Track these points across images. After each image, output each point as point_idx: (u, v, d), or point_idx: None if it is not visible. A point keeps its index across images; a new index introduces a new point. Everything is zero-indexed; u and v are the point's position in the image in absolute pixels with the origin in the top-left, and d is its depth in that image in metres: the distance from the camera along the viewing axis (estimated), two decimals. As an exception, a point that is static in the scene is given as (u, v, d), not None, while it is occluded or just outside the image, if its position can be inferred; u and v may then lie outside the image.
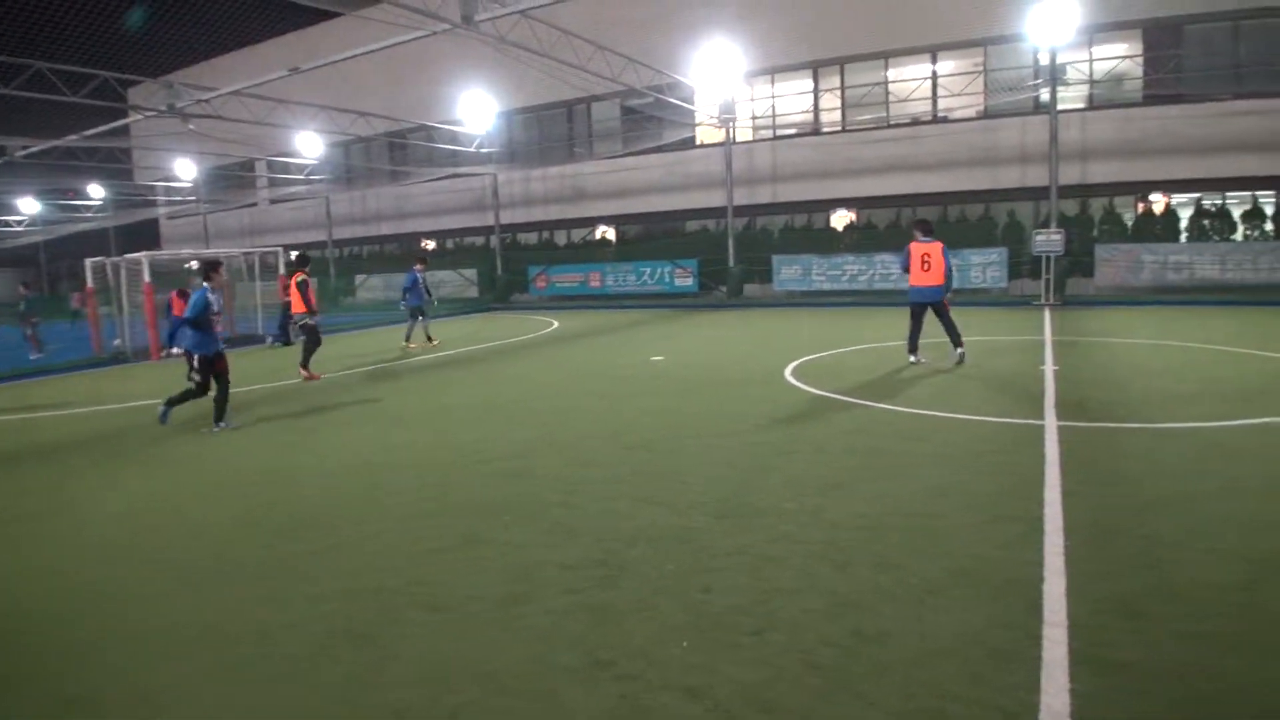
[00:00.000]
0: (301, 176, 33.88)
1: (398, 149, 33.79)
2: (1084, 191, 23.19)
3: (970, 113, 24.54)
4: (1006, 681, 3.17)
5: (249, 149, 28.73)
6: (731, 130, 26.26)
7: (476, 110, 25.24)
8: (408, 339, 16.63)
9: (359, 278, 34.59)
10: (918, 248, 10.92)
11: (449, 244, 35.13)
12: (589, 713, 3.10)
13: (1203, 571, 4.12)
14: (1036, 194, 22.86)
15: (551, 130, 31.74)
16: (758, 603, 3.95)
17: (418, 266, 16.47)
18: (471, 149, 29.09)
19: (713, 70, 22.97)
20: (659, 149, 28.12)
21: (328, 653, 3.66)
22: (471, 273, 31.43)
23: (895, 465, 6.26)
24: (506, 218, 32.39)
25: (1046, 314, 17.86)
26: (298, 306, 12.93)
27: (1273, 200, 22.08)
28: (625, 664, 3.44)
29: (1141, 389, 8.87)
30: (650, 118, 27.34)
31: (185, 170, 32.28)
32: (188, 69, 35.80)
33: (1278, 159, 21.20)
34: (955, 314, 11.20)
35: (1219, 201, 22.59)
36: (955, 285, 21.51)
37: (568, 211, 31.39)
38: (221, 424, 8.83)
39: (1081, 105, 23.31)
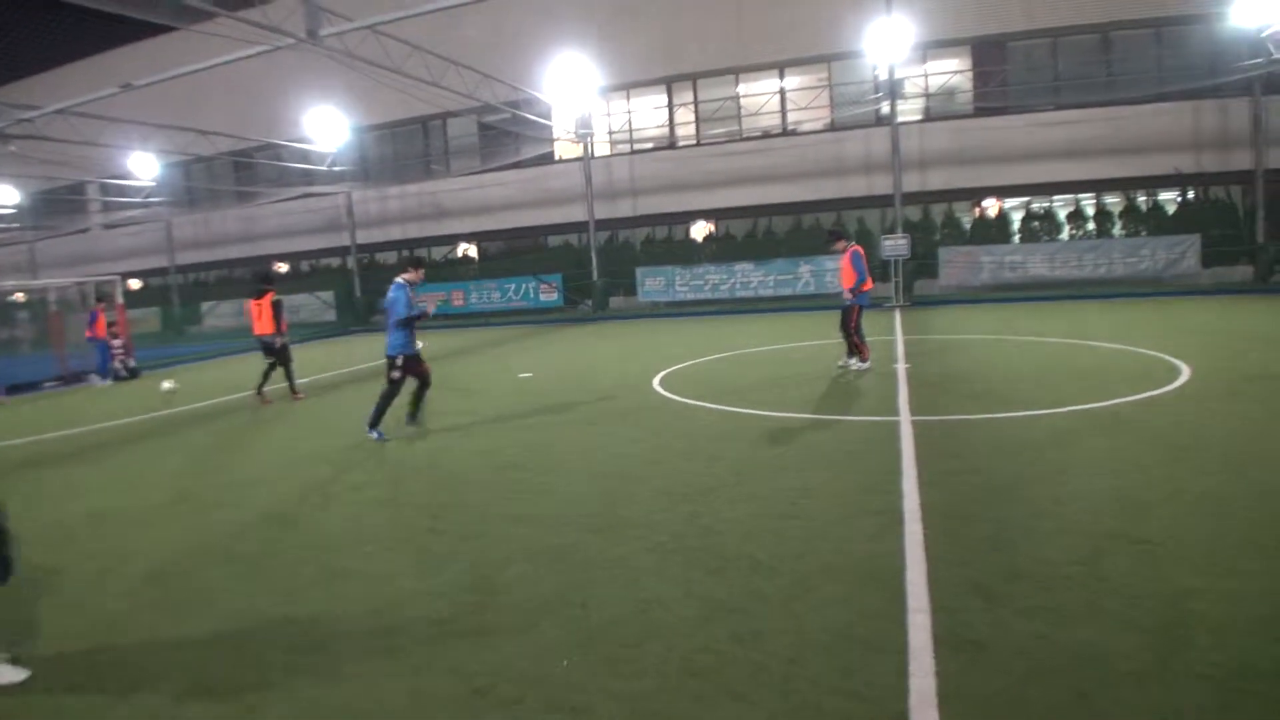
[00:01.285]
0: (139, 199, 31.75)
1: (244, 168, 32.21)
2: (925, 198, 24.67)
3: (818, 125, 25.66)
4: (877, 670, 3.30)
5: (78, 171, 26.73)
6: (589, 145, 26.44)
7: (327, 127, 24.39)
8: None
9: (205, 305, 32.70)
10: (847, 251, 11.28)
11: (303, 266, 33.75)
12: (469, 743, 3.01)
13: (1048, 550, 4.42)
14: (882, 201, 24.12)
15: (407, 147, 31.05)
16: (636, 614, 3.96)
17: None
18: (324, 167, 28.06)
19: (569, 86, 23.08)
20: (518, 165, 27.96)
21: (186, 712, 3.42)
22: (328, 295, 30.26)
23: (762, 468, 6.43)
24: (363, 238, 31.41)
25: (897, 315, 18.81)
26: (266, 327, 11.89)
27: (1092, 202, 24.15)
28: (505, 689, 3.37)
29: (985, 382, 9.47)
30: (508, 133, 27.14)
31: (7, 195, 29.71)
32: (7, 86, 33.02)
33: (1095, 164, 23.25)
34: (818, 318, 11.62)
35: (1046, 205, 24.51)
36: (813, 290, 22.23)
37: (427, 229, 30.74)
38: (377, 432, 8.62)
39: (919, 117, 24.79)
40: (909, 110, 24.64)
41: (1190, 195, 23.42)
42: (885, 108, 23.18)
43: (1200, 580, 3.93)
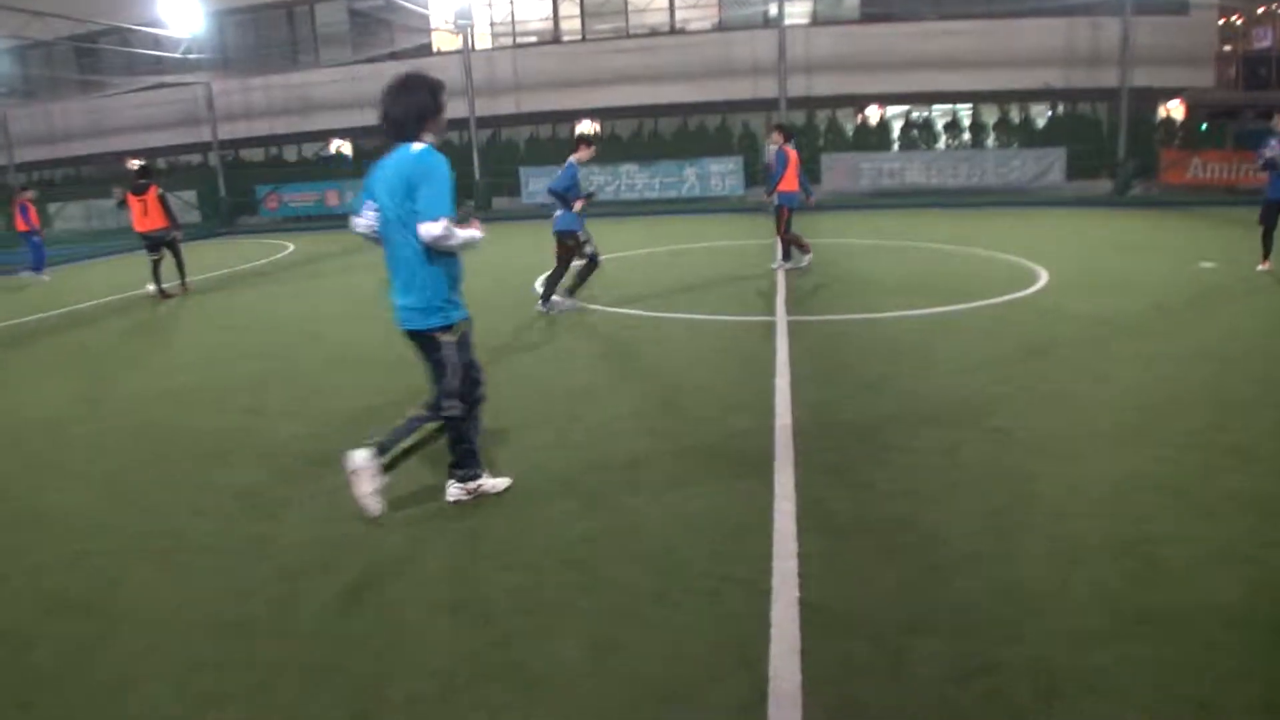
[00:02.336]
0: (-39, 90, 28.53)
1: (88, 55, 29.25)
2: (810, 104, 24.77)
3: (706, 25, 25.22)
4: (745, 552, 3.43)
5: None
6: (470, 37, 25.20)
7: (180, 9, 22.30)
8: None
9: (53, 206, 29.99)
10: (794, 154, 10.84)
11: (160, 164, 31.30)
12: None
13: (912, 439, 4.66)
14: (768, 105, 24.09)
15: (271, 34, 28.80)
16: (516, 517, 3.93)
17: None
18: (179, 55, 25.77)
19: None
20: (393, 56, 26.37)
21: None
22: (191, 195, 28.23)
23: (642, 367, 6.50)
24: (226, 133, 29.21)
25: (779, 220, 19.01)
26: (156, 221, 11.45)
27: (970, 113, 24.84)
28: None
29: (860, 284, 9.78)
30: (382, 22, 25.53)
31: None
32: None
33: (974, 75, 23.79)
34: (703, 221, 11.63)
35: (925, 114, 25.04)
36: (699, 193, 22.01)
37: (296, 125, 28.80)
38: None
39: (806, 21, 24.66)
40: (797, 13, 24.47)
41: (1059, 110, 24.39)
42: (774, 9, 22.93)
43: (1046, 466, 4.22)
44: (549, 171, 24.33)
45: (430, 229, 3.46)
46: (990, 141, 24.14)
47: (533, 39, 26.50)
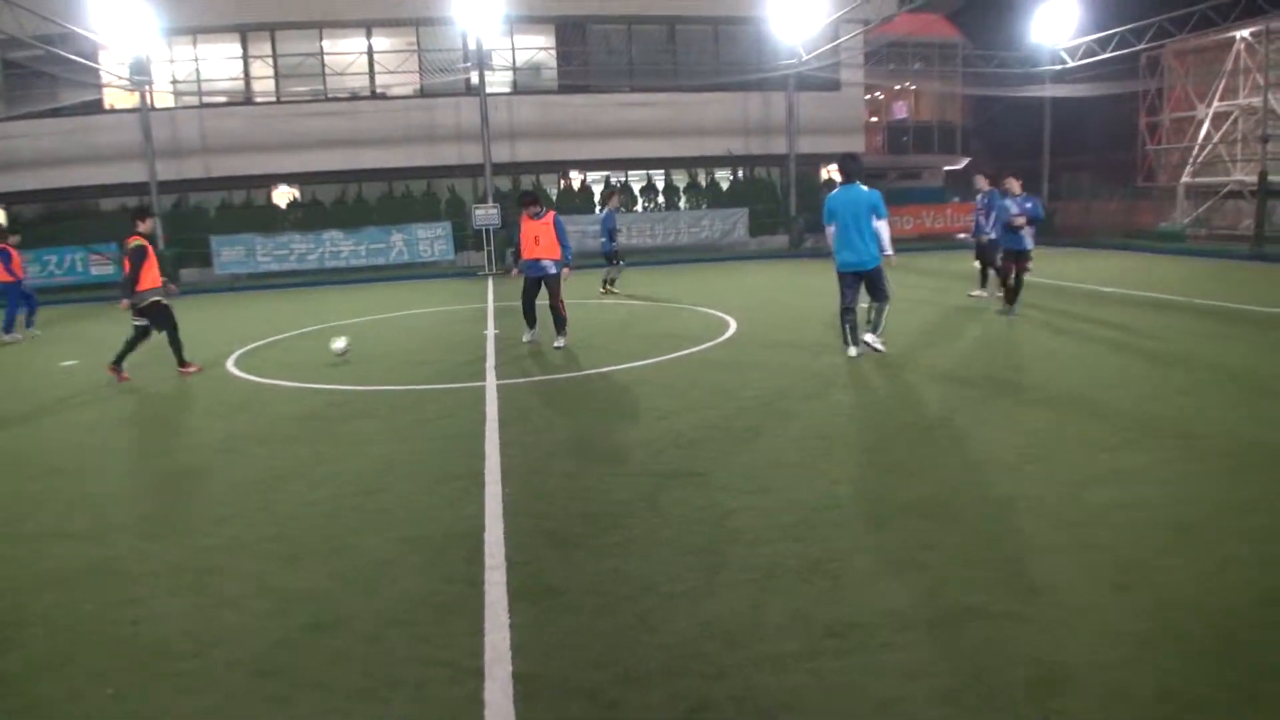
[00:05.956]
0: None
1: None
2: (515, 169, 25.37)
3: (407, 91, 25.04)
4: (452, 632, 3.30)
5: None
6: (148, 95, 23.03)
7: None
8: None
9: None
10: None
11: None
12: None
13: (615, 491, 4.79)
14: (474, 171, 24.30)
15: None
16: (200, 622, 3.52)
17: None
18: None
19: (120, 23, 19.85)
20: (55, 112, 23.41)
21: None
22: None
23: (344, 446, 6.13)
24: None
25: (489, 283, 19.14)
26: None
27: (662, 177, 26.72)
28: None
29: (571, 342, 10.00)
30: (40, 74, 22.53)
31: None
32: None
33: (664, 143, 25.70)
34: (407, 289, 11.37)
35: (623, 179, 26.60)
36: (407, 259, 21.54)
37: (-73, 188, 24.59)
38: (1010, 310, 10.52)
39: (507, 90, 25.32)
40: (498, 82, 25.06)
41: (740, 174, 27.03)
42: (474, 77, 23.29)
43: (739, 501, 4.52)
44: (244, 240, 22.78)
45: None
46: (682, 203, 26.15)
47: (221, 99, 24.78)
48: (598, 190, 26.09)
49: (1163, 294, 12.12)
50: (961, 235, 25.18)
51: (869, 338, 8.28)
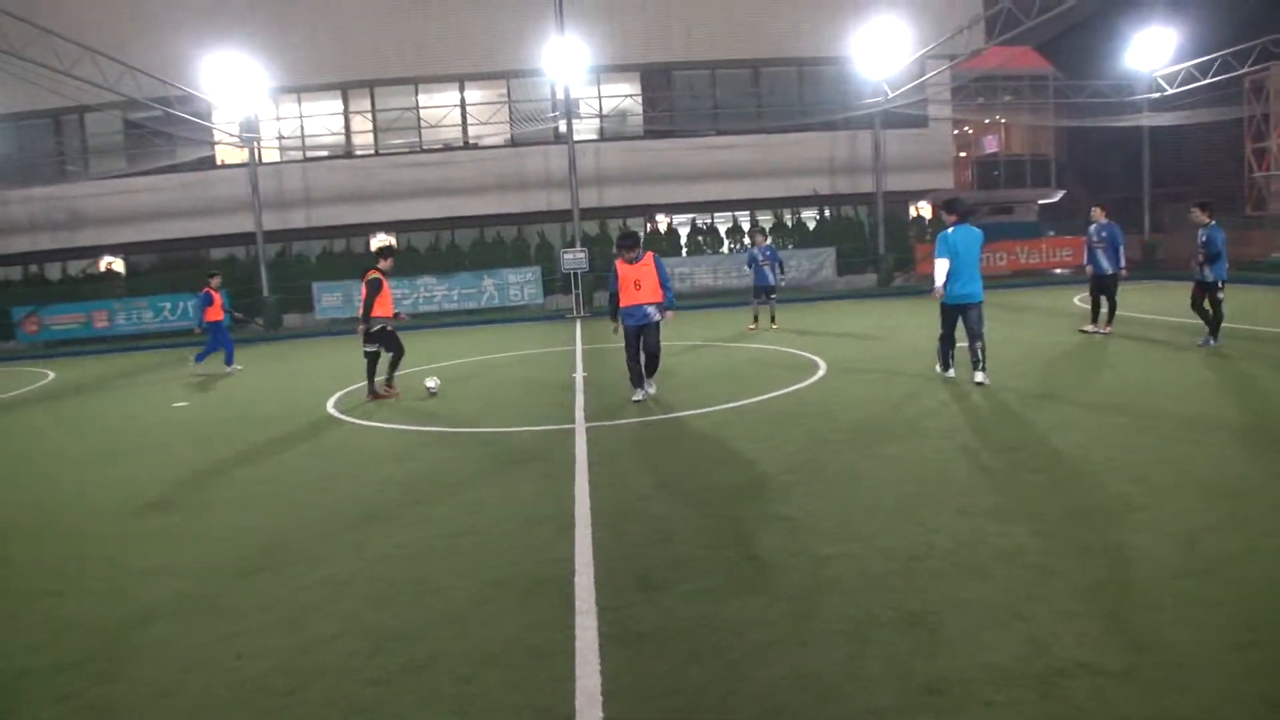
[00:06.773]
0: None
1: None
2: (602, 213, 25.83)
3: (498, 140, 25.85)
4: (546, 676, 3.28)
5: None
6: (256, 150, 24.42)
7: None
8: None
9: None
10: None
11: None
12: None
13: (703, 536, 4.72)
14: (562, 216, 24.85)
15: (35, 143, 26.44)
16: (296, 658, 3.61)
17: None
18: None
19: (231, 85, 21.18)
20: (173, 169, 25.05)
21: None
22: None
23: (436, 487, 6.24)
24: (-30, 250, 26.41)
25: (578, 325, 19.40)
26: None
27: (747, 218, 26.80)
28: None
29: (659, 386, 9.99)
30: (159, 133, 24.19)
31: None
32: None
33: (748, 185, 25.84)
34: (498, 332, 11.60)
35: (709, 220, 26.77)
36: (497, 303, 22.01)
37: (61, 240, 26.32)
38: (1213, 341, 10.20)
39: (594, 137, 25.89)
40: (585, 130, 25.67)
41: (826, 213, 26.83)
42: (563, 126, 23.91)
43: (833, 548, 4.39)
44: (344, 286, 23.73)
45: None
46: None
47: (323, 153, 26.05)
48: (684, 233, 26.31)
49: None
50: (1059, 270, 24.42)
51: (979, 377, 8.57)
